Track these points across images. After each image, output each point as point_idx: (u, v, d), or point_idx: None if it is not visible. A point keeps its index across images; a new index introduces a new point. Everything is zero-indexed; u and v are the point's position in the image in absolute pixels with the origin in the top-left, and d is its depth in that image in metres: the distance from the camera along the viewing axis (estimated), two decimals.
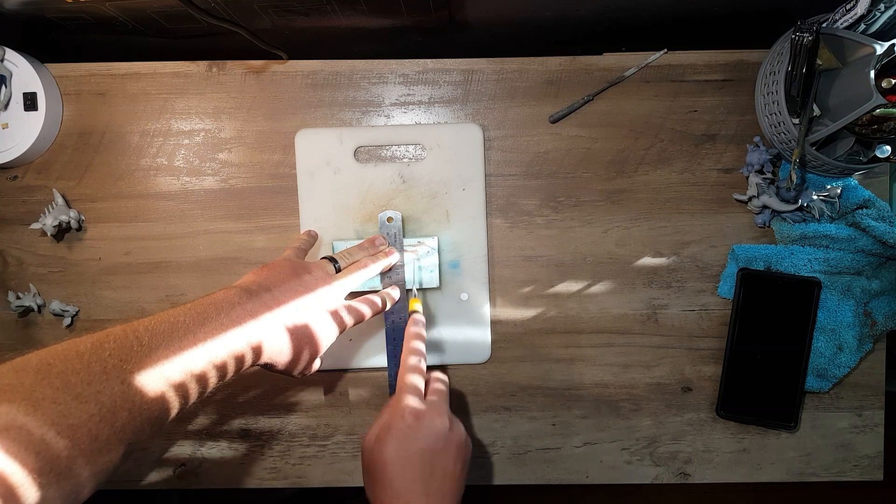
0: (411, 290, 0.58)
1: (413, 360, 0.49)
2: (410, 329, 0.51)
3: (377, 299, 0.52)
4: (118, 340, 0.34)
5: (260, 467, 0.62)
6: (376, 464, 0.44)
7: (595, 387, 0.61)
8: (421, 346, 0.50)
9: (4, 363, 0.31)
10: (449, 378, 0.55)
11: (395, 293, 0.55)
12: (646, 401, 0.61)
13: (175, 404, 0.36)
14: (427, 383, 0.49)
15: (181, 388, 0.36)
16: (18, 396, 0.29)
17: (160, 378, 0.34)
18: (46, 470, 0.28)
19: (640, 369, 0.61)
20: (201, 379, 0.37)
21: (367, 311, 0.50)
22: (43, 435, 0.28)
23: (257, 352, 0.41)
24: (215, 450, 0.62)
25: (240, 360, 0.40)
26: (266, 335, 0.41)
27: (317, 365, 0.48)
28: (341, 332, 0.48)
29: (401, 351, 0.54)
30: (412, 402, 0.46)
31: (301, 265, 0.47)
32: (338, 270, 0.49)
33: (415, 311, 0.54)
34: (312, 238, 0.56)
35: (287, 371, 0.45)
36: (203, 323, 0.38)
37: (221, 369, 0.38)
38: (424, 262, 0.58)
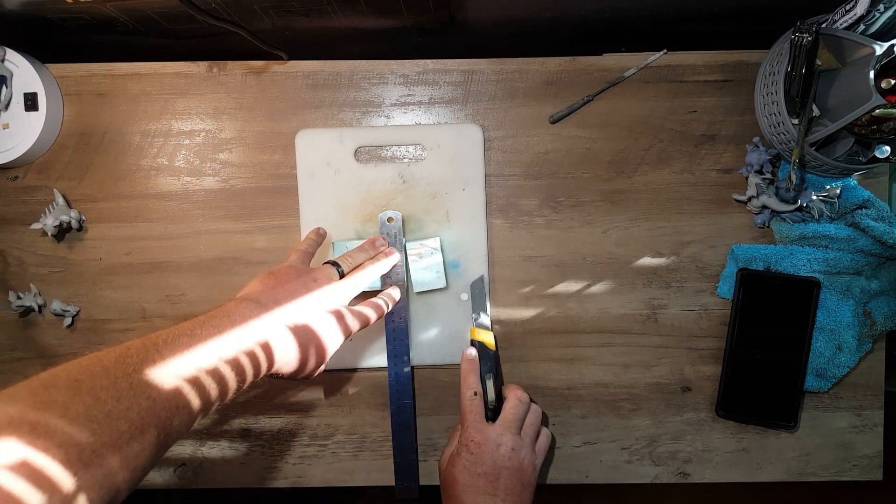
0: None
1: (468, 392, 0.55)
2: (464, 365, 0.57)
3: (381, 302, 0.53)
4: (140, 355, 0.34)
5: (260, 467, 0.62)
6: (448, 485, 0.52)
7: (595, 386, 0.61)
8: (474, 379, 0.56)
9: (32, 378, 0.31)
10: (528, 403, 0.56)
11: (395, 293, 0.56)
12: (645, 401, 0.61)
13: (198, 412, 0.37)
14: (507, 400, 0.55)
15: (205, 397, 0.37)
16: (55, 414, 0.29)
17: (184, 389, 0.35)
18: (79, 464, 0.28)
19: (639, 369, 0.61)
20: (222, 385, 0.38)
21: (372, 316, 0.51)
22: (81, 450, 0.29)
23: (269, 356, 0.42)
24: (215, 450, 0.62)
25: (256, 365, 0.41)
26: (276, 341, 0.42)
27: (321, 369, 0.49)
28: (347, 338, 0.49)
29: (398, 350, 0.58)
30: (475, 433, 0.53)
31: (305, 271, 0.48)
32: (342, 275, 0.50)
33: (470, 346, 0.58)
34: (321, 237, 0.57)
35: (293, 376, 0.46)
36: (218, 333, 0.39)
37: (241, 375, 0.40)
38: (429, 262, 0.59)
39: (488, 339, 0.59)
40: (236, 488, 0.62)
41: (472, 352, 0.58)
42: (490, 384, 0.58)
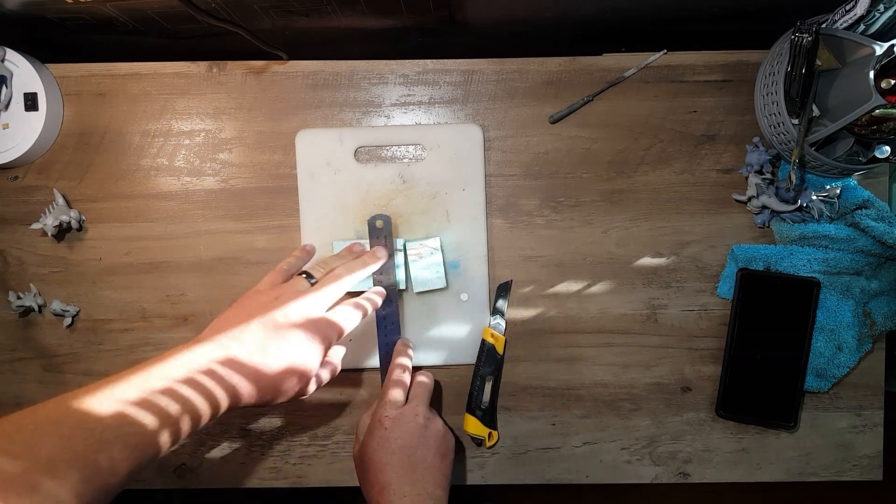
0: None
1: (397, 372, 0.55)
2: (399, 346, 0.58)
3: (363, 301, 0.51)
4: (62, 400, 0.36)
5: (260, 467, 0.62)
6: (365, 464, 0.51)
7: (595, 387, 0.61)
8: (407, 361, 0.56)
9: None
10: (433, 378, 0.57)
11: (377, 298, 0.54)
12: (645, 401, 0.61)
13: (142, 449, 0.36)
14: (410, 385, 0.55)
15: (143, 433, 0.36)
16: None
17: (111, 424, 0.35)
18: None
19: (639, 369, 0.61)
20: (167, 420, 0.37)
21: (353, 315, 0.49)
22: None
23: (227, 389, 0.41)
24: (215, 450, 0.62)
25: (210, 399, 0.40)
26: (226, 372, 0.41)
27: (312, 388, 0.47)
28: (328, 348, 0.47)
29: (390, 357, 0.58)
30: (389, 409, 0.52)
31: (266, 293, 0.47)
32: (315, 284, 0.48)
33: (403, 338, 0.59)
34: (307, 254, 0.54)
35: (270, 402, 0.45)
36: (148, 370, 0.38)
37: (191, 411, 0.38)
38: (429, 262, 0.59)
39: (499, 344, 0.59)
40: (236, 488, 0.62)
41: (407, 341, 0.59)
42: (488, 387, 0.58)
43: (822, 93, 0.53)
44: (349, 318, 0.49)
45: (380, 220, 0.57)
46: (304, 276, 0.49)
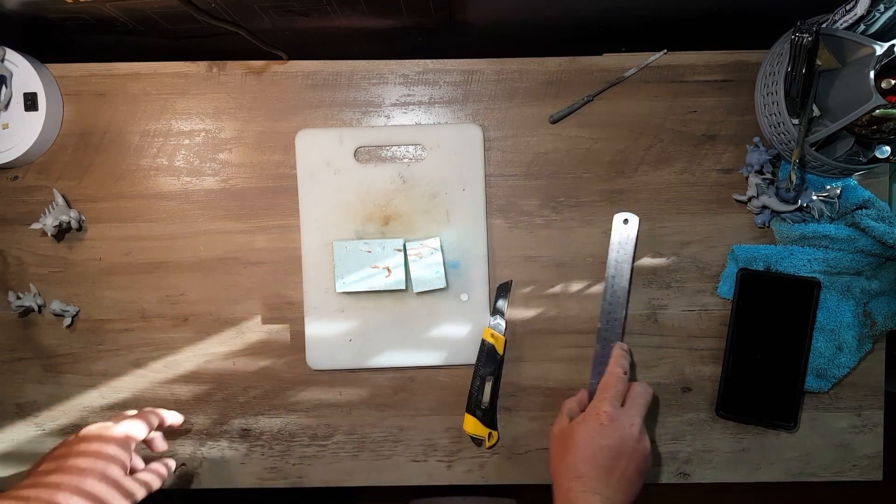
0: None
1: (618, 370, 0.55)
2: (616, 350, 0.57)
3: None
4: None
5: (260, 467, 0.62)
6: (567, 446, 0.51)
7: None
8: (625, 361, 0.56)
9: None
10: (653, 393, 0.55)
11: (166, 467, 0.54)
12: None
13: None
14: (628, 392, 0.54)
15: None
16: None
17: None
18: None
19: (639, 369, 0.61)
20: None
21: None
22: None
23: None
24: (215, 450, 0.62)
25: None
26: None
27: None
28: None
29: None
30: (609, 406, 0.52)
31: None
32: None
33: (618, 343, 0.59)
34: (149, 425, 0.53)
35: None
36: None
37: None
38: (429, 262, 0.58)
39: (499, 344, 0.59)
40: (236, 488, 0.62)
41: (625, 346, 0.58)
42: (488, 387, 0.58)
43: (823, 93, 0.53)
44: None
45: None
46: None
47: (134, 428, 0.51)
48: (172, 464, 0.55)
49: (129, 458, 0.49)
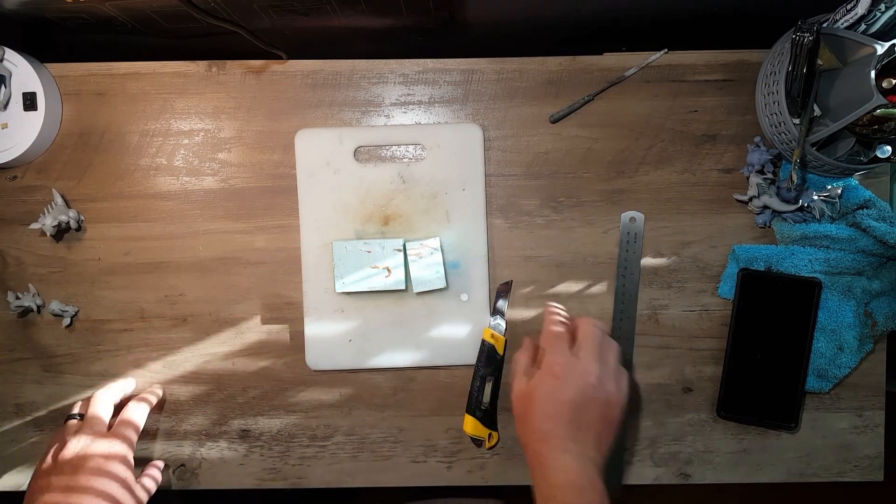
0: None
1: (553, 316, 0.54)
2: (551, 308, 0.56)
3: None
4: None
5: (260, 467, 0.61)
6: (527, 408, 0.50)
7: None
8: (559, 307, 0.55)
9: None
10: (601, 327, 0.53)
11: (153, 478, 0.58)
12: (646, 402, 0.61)
13: None
14: (575, 335, 0.53)
15: None
16: None
17: None
18: None
19: (640, 369, 0.61)
20: None
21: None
22: None
23: None
24: (215, 450, 0.61)
25: None
26: None
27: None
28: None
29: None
30: (560, 357, 0.50)
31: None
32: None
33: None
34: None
35: None
36: None
37: None
38: (429, 262, 0.58)
39: (499, 344, 0.59)
40: (235, 489, 0.61)
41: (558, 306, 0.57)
42: (488, 387, 0.58)
43: (824, 92, 0.53)
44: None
45: None
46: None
47: (130, 435, 0.55)
48: (161, 464, 0.58)
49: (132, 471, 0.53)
